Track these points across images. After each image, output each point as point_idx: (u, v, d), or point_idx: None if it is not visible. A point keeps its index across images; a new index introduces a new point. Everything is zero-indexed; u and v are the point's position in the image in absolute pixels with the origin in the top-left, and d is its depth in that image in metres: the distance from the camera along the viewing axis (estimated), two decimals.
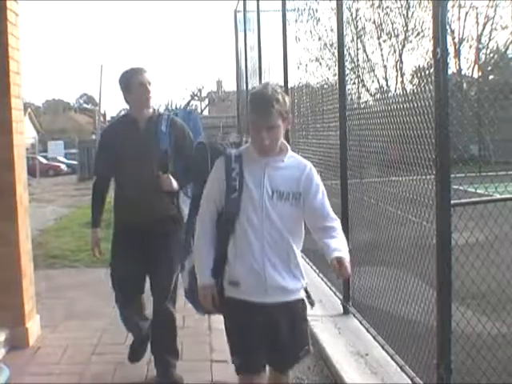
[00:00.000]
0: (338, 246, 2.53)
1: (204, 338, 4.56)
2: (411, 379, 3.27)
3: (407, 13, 3.87)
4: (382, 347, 3.74)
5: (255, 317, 2.60)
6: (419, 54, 3.49)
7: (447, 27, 2.88)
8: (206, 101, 39.92)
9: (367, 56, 4.41)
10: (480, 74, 15.81)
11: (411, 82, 4.15)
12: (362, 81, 4.47)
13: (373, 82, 4.41)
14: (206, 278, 2.66)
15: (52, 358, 4.37)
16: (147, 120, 3.73)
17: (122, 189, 3.80)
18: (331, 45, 5.15)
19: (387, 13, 3.98)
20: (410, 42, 4.05)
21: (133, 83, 3.66)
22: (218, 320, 5.05)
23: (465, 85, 13.38)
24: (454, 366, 2.89)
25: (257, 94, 2.58)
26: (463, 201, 3.02)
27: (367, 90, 4.52)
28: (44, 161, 32.86)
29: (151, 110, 3.77)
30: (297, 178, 2.62)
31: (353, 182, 4.59)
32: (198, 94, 39.63)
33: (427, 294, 3.17)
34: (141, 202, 3.65)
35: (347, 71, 4.51)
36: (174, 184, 3.65)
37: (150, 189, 3.62)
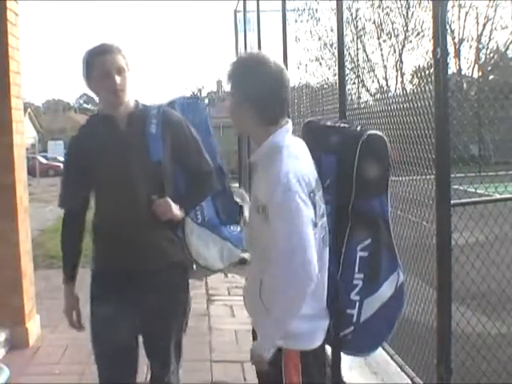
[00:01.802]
0: None
1: (204, 338, 4.57)
2: (411, 379, 3.27)
3: (407, 13, 3.87)
4: (382, 347, 3.74)
5: (252, 336, 2.28)
6: (419, 54, 3.50)
7: (447, 27, 2.88)
8: (206, 101, 39.93)
9: (367, 56, 4.41)
10: (480, 74, 15.81)
11: (411, 81, 4.16)
12: (362, 81, 4.47)
13: (373, 82, 4.41)
14: None
15: (52, 357, 4.37)
16: (128, 117, 2.60)
17: (103, 221, 2.65)
18: (331, 45, 5.14)
19: (387, 13, 3.99)
20: (410, 42, 4.05)
21: (94, 71, 2.54)
22: (218, 320, 5.09)
23: (465, 85, 13.38)
24: (453, 365, 2.89)
25: None
26: (463, 201, 3.02)
27: (367, 90, 4.52)
28: (44, 161, 32.85)
29: (132, 103, 2.63)
30: (261, 184, 1.99)
31: None
32: (198, 94, 39.65)
33: (427, 293, 3.17)
34: (129, 242, 2.55)
35: (347, 71, 4.51)
36: (176, 210, 2.58)
37: (142, 221, 2.56)
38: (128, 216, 2.55)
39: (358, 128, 2.26)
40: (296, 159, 1.95)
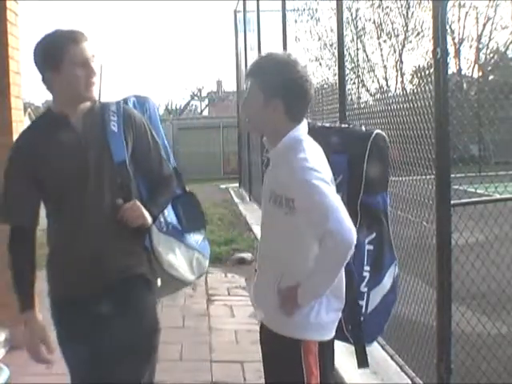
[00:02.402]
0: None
1: (204, 338, 4.56)
2: (411, 379, 3.27)
3: (407, 13, 3.87)
4: (382, 347, 3.74)
5: (259, 331, 2.27)
6: (419, 54, 3.50)
7: (447, 27, 2.88)
8: (206, 101, 39.92)
9: (367, 56, 4.41)
10: (480, 74, 15.81)
11: (411, 81, 4.16)
12: (362, 81, 4.47)
13: (373, 82, 4.41)
14: None
15: (52, 357, 4.36)
16: (85, 115, 2.27)
17: (59, 236, 2.36)
18: (331, 45, 5.15)
19: (387, 13, 3.99)
20: (410, 42, 4.05)
21: (67, 58, 2.17)
22: (218, 320, 5.09)
23: (465, 85, 13.39)
24: (453, 365, 2.89)
25: None
26: (463, 201, 3.03)
27: (367, 90, 4.52)
28: None
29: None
30: (285, 177, 2.02)
31: None
32: (198, 94, 39.64)
33: (427, 293, 3.17)
34: (91, 252, 2.23)
35: (347, 71, 4.51)
36: (147, 215, 2.27)
37: (107, 231, 2.24)
38: (90, 227, 2.23)
39: (363, 128, 2.33)
40: (315, 151, 2.05)
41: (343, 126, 2.44)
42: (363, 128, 2.32)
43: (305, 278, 1.97)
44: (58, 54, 2.18)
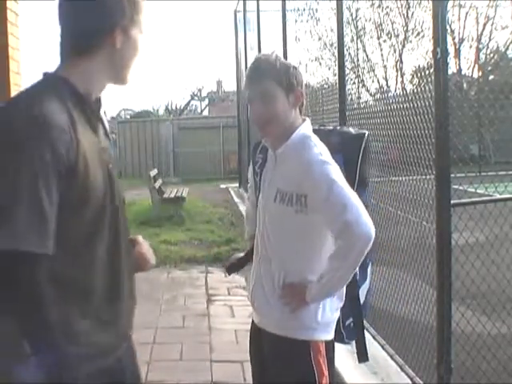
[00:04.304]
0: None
1: (204, 338, 4.56)
2: (411, 379, 3.28)
3: (407, 13, 3.87)
4: (382, 347, 3.74)
5: (251, 335, 2.28)
6: (419, 54, 3.51)
7: (447, 27, 2.88)
8: (206, 101, 39.89)
9: (367, 56, 4.41)
10: (480, 74, 15.83)
11: (411, 81, 4.16)
12: (362, 81, 4.47)
13: (373, 82, 4.41)
14: None
15: None
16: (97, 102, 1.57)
17: (81, 273, 1.46)
18: (331, 45, 5.15)
19: (387, 13, 3.99)
20: (410, 42, 4.05)
21: (140, 19, 1.53)
22: (218, 320, 5.09)
23: (465, 85, 13.40)
24: (453, 365, 2.90)
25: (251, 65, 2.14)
26: (463, 201, 3.03)
27: (367, 90, 4.52)
28: None
29: None
30: (297, 173, 1.99)
31: None
32: (198, 94, 39.62)
33: (427, 293, 3.17)
34: (126, 299, 1.59)
35: (347, 71, 4.51)
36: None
37: (129, 265, 1.62)
38: (119, 260, 1.55)
39: (351, 129, 2.41)
40: (324, 146, 2.07)
41: (331, 128, 2.48)
42: (351, 129, 2.38)
43: (317, 276, 1.97)
44: (135, 10, 1.49)
